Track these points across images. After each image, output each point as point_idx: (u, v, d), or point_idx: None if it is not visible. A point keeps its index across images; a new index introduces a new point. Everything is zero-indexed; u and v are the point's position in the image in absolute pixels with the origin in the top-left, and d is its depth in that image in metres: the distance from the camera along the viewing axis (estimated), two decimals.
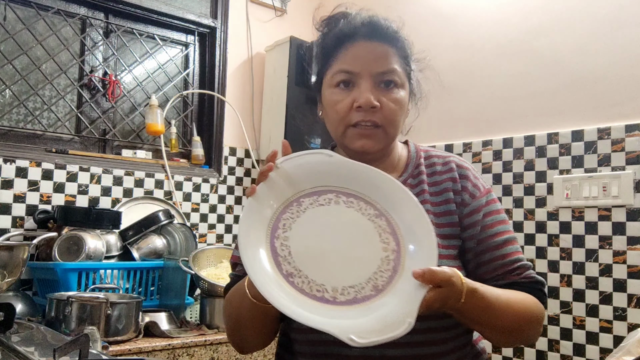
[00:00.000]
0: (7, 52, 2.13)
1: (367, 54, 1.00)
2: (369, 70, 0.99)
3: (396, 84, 1.00)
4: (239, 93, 2.65)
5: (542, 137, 1.99)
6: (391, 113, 0.99)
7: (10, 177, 2.00)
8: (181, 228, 2.09)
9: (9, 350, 1.11)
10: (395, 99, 1.00)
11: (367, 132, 1.00)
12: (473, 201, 1.03)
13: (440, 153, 1.10)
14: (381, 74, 0.99)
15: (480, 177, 1.08)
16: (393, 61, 1.00)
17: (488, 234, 1.02)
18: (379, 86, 0.99)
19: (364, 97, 0.98)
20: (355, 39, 1.01)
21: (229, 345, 1.75)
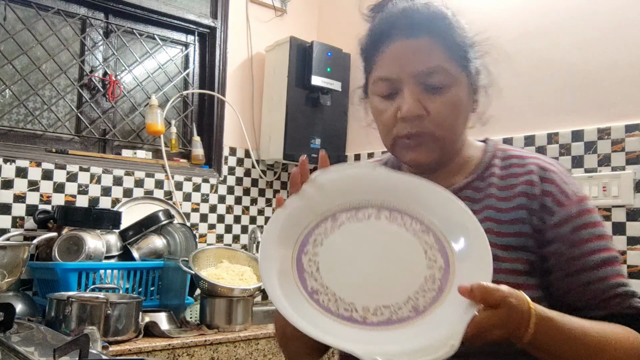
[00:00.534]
0: (7, 52, 2.13)
1: (405, 54, 0.86)
2: (409, 72, 0.86)
3: (445, 84, 0.87)
4: (239, 93, 2.65)
5: (542, 137, 1.99)
6: (442, 119, 0.87)
7: (10, 177, 2.00)
8: (181, 228, 2.09)
9: (9, 350, 1.11)
10: (446, 102, 0.87)
11: (417, 144, 0.88)
12: (560, 210, 0.86)
13: (523, 153, 0.95)
14: (424, 75, 0.86)
15: (572, 182, 0.90)
16: (437, 57, 0.86)
17: (580, 252, 0.84)
18: (425, 89, 0.86)
19: (406, 106, 0.86)
20: (391, 39, 0.88)
21: (229, 345, 1.75)
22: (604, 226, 0.88)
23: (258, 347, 1.82)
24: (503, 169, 0.93)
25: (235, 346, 1.76)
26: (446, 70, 0.87)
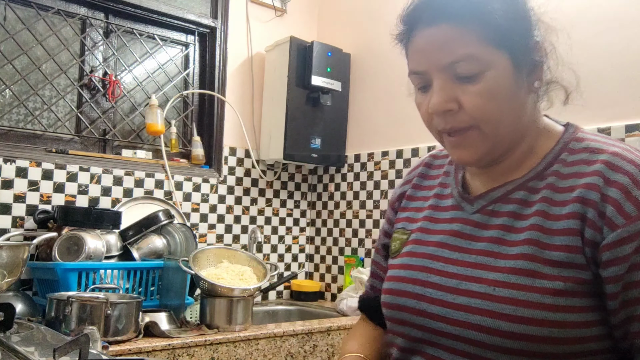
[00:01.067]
0: (7, 52, 2.13)
1: (428, 45, 0.79)
2: (435, 64, 0.78)
3: (477, 72, 0.77)
4: (239, 93, 2.65)
5: None
6: (479, 110, 0.77)
7: (10, 177, 2.00)
8: (181, 228, 2.09)
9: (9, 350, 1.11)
10: (481, 91, 0.77)
11: (459, 141, 0.80)
12: (623, 223, 0.70)
13: (600, 145, 0.79)
14: (451, 66, 0.77)
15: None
16: (463, 44, 0.76)
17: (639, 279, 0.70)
18: (457, 79, 0.78)
19: (433, 101, 0.79)
20: (418, 29, 0.80)
21: (229, 345, 1.75)
22: None
23: (258, 347, 1.82)
24: (568, 166, 0.79)
25: (235, 346, 1.76)
26: (475, 56, 0.76)
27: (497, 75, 0.77)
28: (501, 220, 0.81)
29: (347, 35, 2.77)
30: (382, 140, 2.56)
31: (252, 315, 1.91)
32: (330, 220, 2.76)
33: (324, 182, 2.83)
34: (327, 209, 2.79)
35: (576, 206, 0.74)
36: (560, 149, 0.82)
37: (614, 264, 0.71)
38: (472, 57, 0.76)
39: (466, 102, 0.77)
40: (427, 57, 0.79)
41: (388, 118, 2.55)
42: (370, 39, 2.66)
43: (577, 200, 0.74)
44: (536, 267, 0.74)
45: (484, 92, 0.77)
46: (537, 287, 0.73)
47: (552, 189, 0.78)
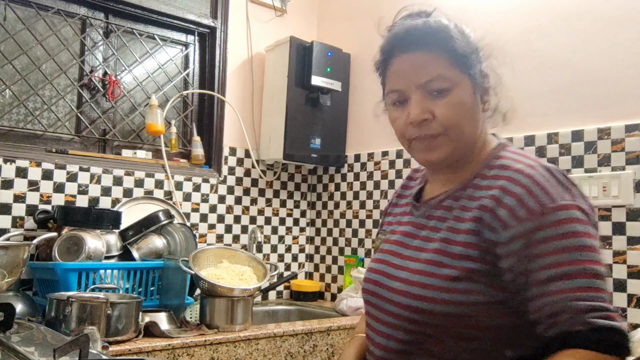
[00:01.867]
0: (7, 52, 2.13)
1: (408, 67, 0.97)
2: (413, 84, 0.97)
3: (446, 88, 0.95)
4: (239, 93, 2.65)
5: (542, 137, 1.99)
6: (448, 119, 0.95)
7: (10, 177, 2.00)
8: (181, 228, 2.09)
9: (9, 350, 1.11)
10: (450, 104, 0.95)
11: (427, 145, 0.98)
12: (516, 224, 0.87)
13: (511, 163, 0.95)
14: (427, 84, 0.96)
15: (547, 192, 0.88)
16: (436, 67, 0.95)
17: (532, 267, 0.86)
18: (430, 95, 0.96)
19: (413, 113, 0.96)
20: (396, 55, 0.99)
21: (229, 345, 1.75)
22: (579, 236, 0.85)
23: (258, 347, 1.82)
24: (484, 179, 0.96)
25: (235, 346, 1.77)
26: (445, 76, 0.95)
27: (461, 92, 0.96)
28: (432, 223, 1.01)
29: (347, 35, 2.77)
30: (382, 140, 2.56)
31: (252, 315, 1.91)
32: (330, 220, 2.76)
33: (323, 182, 2.83)
34: (327, 209, 2.79)
35: (477, 212, 0.92)
36: (483, 166, 0.99)
37: (509, 257, 0.88)
38: (443, 77, 0.95)
39: (438, 113, 0.95)
40: (406, 77, 0.97)
41: (388, 118, 2.55)
42: (370, 39, 2.65)
43: (479, 207, 0.92)
44: (442, 259, 0.93)
45: (452, 105, 0.95)
46: (440, 274, 0.92)
47: (468, 198, 0.96)
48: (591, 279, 0.83)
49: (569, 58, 1.95)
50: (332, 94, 2.62)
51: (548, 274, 0.84)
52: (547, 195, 0.87)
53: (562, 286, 0.83)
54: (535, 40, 2.04)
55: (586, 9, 1.92)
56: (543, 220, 0.86)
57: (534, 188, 0.88)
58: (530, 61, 2.05)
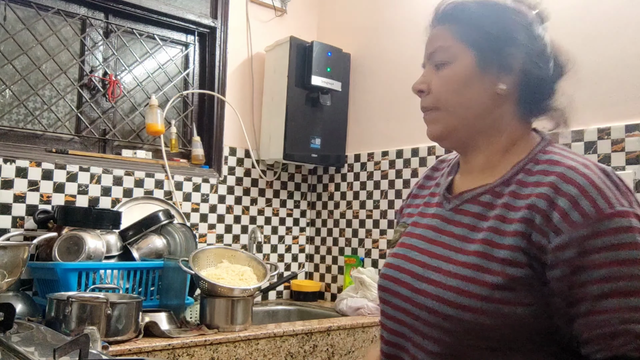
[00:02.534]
0: (7, 52, 2.13)
1: (428, 40, 0.97)
2: (425, 55, 0.97)
3: (446, 62, 0.91)
4: (239, 93, 2.65)
5: None
6: (438, 93, 0.92)
7: (10, 177, 2.00)
8: (181, 228, 2.09)
9: (9, 350, 1.11)
10: (442, 77, 0.91)
11: (425, 118, 0.96)
12: (568, 230, 0.77)
13: (560, 158, 0.86)
14: (431, 56, 0.94)
15: (604, 195, 0.78)
16: (439, 39, 0.93)
17: (584, 279, 0.76)
18: (435, 68, 0.94)
19: (414, 83, 0.96)
20: (428, 32, 0.99)
21: (229, 345, 1.75)
22: (634, 246, 0.75)
23: (258, 347, 1.82)
24: (531, 175, 0.86)
25: (235, 346, 1.77)
26: (446, 48, 0.92)
27: (459, 67, 0.91)
28: (467, 220, 0.91)
29: (347, 35, 2.77)
30: (382, 140, 2.56)
31: (252, 315, 1.91)
32: (330, 220, 2.76)
33: (323, 182, 2.83)
34: (327, 209, 2.79)
35: (527, 212, 0.82)
36: (528, 160, 0.90)
37: (558, 266, 0.78)
38: (443, 48, 0.92)
39: (432, 86, 0.93)
40: (425, 50, 0.97)
41: (388, 118, 2.55)
42: (370, 39, 2.66)
43: (528, 206, 0.82)
44: (484, 263, 0.83)
45: (445, 79, 0.92)
46: (480, 280, 0.82)
47: (514, 195, 0.86)
48: (631, 297, 0.74)
49: None
50: (332, 94, 2.62)
51: (602, 289, 0.74)
52: (604, 199, 0.78)
53: (617, 304, 0.74)
54: None
55: (586, 9, 1.92)
56: (599, 227, 0.76)
57: (590, 189, 0.78)
58: None
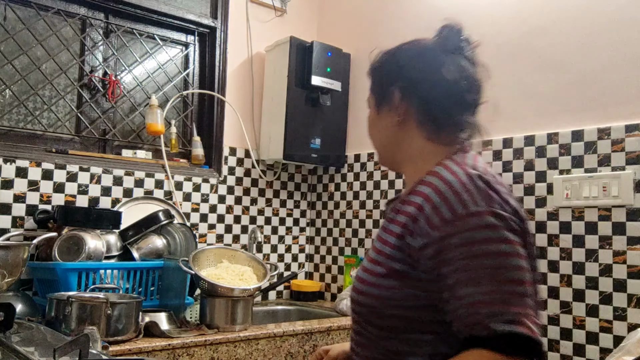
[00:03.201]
0: (7, 52, 2.13)
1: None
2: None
3: (369, 109, 1.16)
4: (239, 93, 2.65)
5: (542, 137, 1.99)
6: (370, 139, 1.17)
7: (10, 177, 2.00)
8: (181, 228, 2.09)
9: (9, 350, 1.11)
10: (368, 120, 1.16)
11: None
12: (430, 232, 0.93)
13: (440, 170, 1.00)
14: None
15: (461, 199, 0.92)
16: (369, 92, 1.15)
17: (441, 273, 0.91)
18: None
19: None
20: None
21: (229, 345, 1.75)
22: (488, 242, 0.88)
23: (258, 347, 1.82)
24: (421, 184, 1.01)
25: (235, 346, 1.77)
26: (368, 100, 1.15)
27: (371, 111, 1.15)
28: (384, 223, 1.08)
29: (347, 35, 2.77)
30: None
31: (252, 315, 1.91)
32: (330, 220, 2.76)
33: (323, 182, 2.83)
34: (327, 209, 2.79)
35: (406, 217, 0.98)
36: (426, 173, 1.03)
37: (425, 262, 0.93)
38: (368, 100, 1.16)
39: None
40: None
41: None
42: (370, 39, 2.66)
43: (408, 213, 0.98)
44: (378, 258, 1.01)
45: (368, 121, 1.16)
46: (373, 271, 1.01)
47: (407, 202, 1.01)
48: (499, 284, 0.86)
49: (569, 58, 1.95)
50: (332, 94, 2.62)
51: (456, 279, 0.88)
52: (460, 203, 0.91)
53: (469, 292, 0.87)
54: (536, 40, 2.04)
55: (586, 10, 1.92)
56: (455, 227, 0.90)
57: (449, 195, 0.93)
58: (530, 61, 2.05)
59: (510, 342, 0.83)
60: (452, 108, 1.04)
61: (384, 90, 1.08)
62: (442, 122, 1.04)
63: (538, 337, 0.85)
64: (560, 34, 1.98)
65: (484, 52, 2.34)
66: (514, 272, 0.87)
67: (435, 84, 1.03)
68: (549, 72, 2.00)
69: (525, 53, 2.06)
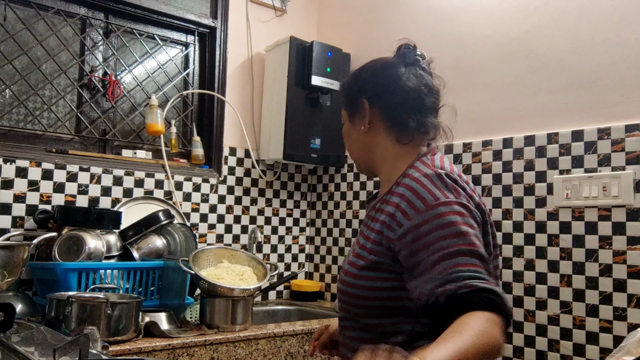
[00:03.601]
0: (7, 52, 2.13)
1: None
2: None
3: (343, 124, 1.29)
4: (239, 93, 2.65)
5: (542, 137, 1.99)
6: (347, 151, 1.33)
7: (10, 177, 2.00)
8: (181, 228, 2.09)
9: (9, 350, 1.11)
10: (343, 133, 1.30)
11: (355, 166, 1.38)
12: (405, 222, 1.05)
13: (412, 171, 1.13)
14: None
15: (428, 190, 1.06)
16: (342, 109, 1.29)
17: (419, 259, 1.01)
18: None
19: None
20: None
21: (229, 345, 1.75)
22: (456, 224, 1.01)
23: (258, 347, 1.82)
24: (398, 186, 1.14)
25: (235, 346, 1.77)
26: (342, 115, 1.29)
27: (346, 124, 1.28)
28: (367, 220, 1.21)
29: (347, 35, 2.77)
30: None
31: (252, 315, 1.91)
32: (330, 220, 2.76)
33: (323, 182, 2.83)
34: (327, 209, 2.79)
35: (385, 216, 1.11)
36: (401, 174, 1.16)
37: (403, 250, 1.05)
38: (341, 116, 1.30)
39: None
40: None
41: None
42: (370, 39, 2.66)
43: (386, 212, 1.12)
44: (361, 252, 1.14)
45: (343, 134, 1.30)
46: (356, 264, 1.14)
47: (386, 202, 1.14)
48: (468, 256, 0.98)
49: (569, 58, 1.95)
50: (332, 94, 2.62)
51: (434, 259, 0.99)
52: (431, 195, 1.05)
53: (445, 265, 0.98)
54: (535, 40, 2.04)
55: (586, 9, 1.92)
56: (427, 216, 1.03)
57: (420, 191, 1.06)
58: (530, 61, 2.05)
59: (488, 298, 0.93)
60: (415, 111, 1.17)
61: (355, 102, 1.23)
62: (407, 124, 1.17)
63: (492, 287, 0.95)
64: (560, 34, 1.98)
65: (485, 51, 2.35)
66: (477, 249, 1.00)
67: (397, 90, 1.17)
68: (549, 72, 2.00)
69: (525, 53, 2.06)
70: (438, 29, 2.36)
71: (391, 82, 1.18)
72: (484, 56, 2.20)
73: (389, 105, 1.18)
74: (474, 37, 2.24)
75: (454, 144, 2.25)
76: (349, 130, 1.27)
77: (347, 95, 1.26)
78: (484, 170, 2.14)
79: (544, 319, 1.92)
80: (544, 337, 1.92)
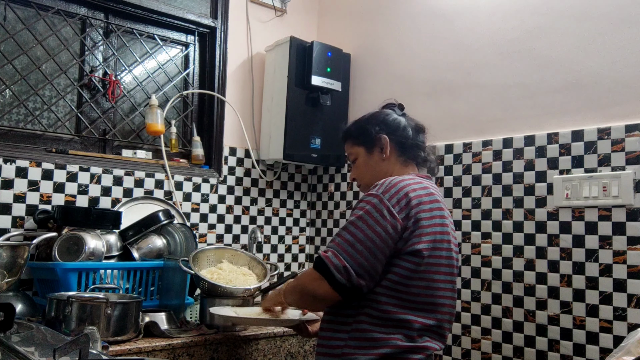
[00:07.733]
0: (7, 52, 2.13)
1: (345, 150, 1.70)
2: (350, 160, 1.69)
3: (354, 159, 1.63)
4: (239, 93, 2.65)
5: (542, 137, 1.99)
6: (358, 178, 1.64)
7: (10, 177, 2.00)
8: (181, 228, 2.09)
9: (9, 350, 1.11)
10: (356, 168, 1.63)
11: (361, 189, 1.65)
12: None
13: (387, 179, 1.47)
14: (349, 157, 1.66)
15: (376, 189, 1.42)
16: (349, 148, 1.64)
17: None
18: (353, 164, 1.65)
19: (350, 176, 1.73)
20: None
21: (229, 345, 1.75)
22: (361, 210, 1.39)
23: (258, 347, 1.82)
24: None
25: (235, 346, 1.76)
26: (352, 152, 1.64)
27: (361, 158, 1.62)
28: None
29: (347, 35, 2.77)
30: None
31: None
32: (330, 220, 2.76)
33: (323, 182, 2.83)
34: (327, 209, 2.79)
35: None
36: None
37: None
38: (352, 153, 1.64)
39: (355, 175, 1.65)
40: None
41: None
42: (370, 39, 2.66)
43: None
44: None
45: (358, 169, 1.63)
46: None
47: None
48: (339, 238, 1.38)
49: (569, 58, 1.95)
50: (332, 94, 2.62)
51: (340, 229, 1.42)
52: (374, 189, 1.43)
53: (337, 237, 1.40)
54: (535, 40, 2.04)
55: (586, 10, 1.92)
56: (363, 199, 1.43)
57: (374, 187, 1.45)
58: (530, 61, 2.05)
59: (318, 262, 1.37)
60: (413, 144, 1.59)
61: (373, 137, 1.58)
62: (409, 153, 1.58)
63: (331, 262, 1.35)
64: (560, 34, 1.98)
65: (485, 51, 2.35)
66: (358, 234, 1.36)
67: (403, 129, 1.59)
68: (549, 72, 2.00)
69: (525, 53, 2.06)
70: (438, 29, 2.36)
71: (398, 123, 1.60)
72: (484, 56, 2.19)
73: (399, 139, 1.58)
74: (474, 37, 2.23)
75: (454, 144, 2.25)
76: (366, 161, 1.60)
77: (363, 133, 1.60)
78: (484, 170, 2.14)
79: (544, 319, 1.92)
80: (544, 337, 1.92)
